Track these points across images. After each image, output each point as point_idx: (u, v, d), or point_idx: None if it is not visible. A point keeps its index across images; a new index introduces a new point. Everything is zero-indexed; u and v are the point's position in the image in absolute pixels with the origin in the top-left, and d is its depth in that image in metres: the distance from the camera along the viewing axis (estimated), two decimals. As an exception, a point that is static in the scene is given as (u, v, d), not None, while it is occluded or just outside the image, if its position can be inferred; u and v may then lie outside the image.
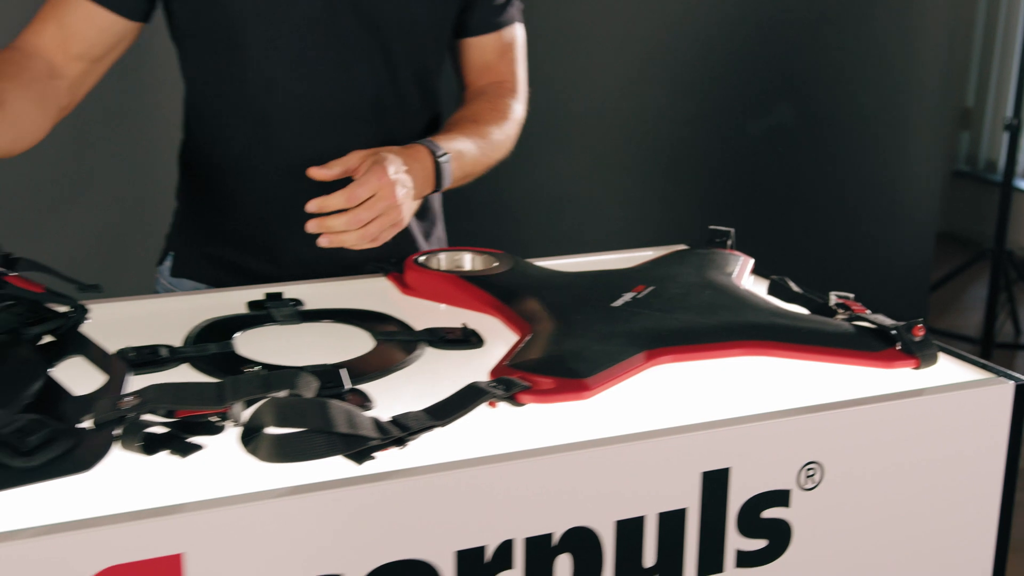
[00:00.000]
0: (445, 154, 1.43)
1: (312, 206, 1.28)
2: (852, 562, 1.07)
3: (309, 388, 0.93)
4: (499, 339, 1.20)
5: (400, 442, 0.92)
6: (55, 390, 0.99)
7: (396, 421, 0.93)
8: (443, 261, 1.37)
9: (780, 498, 1.02)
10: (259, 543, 0.84)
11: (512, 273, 1.32)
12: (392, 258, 1.41)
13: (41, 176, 3.21)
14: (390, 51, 1.51)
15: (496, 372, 1.07)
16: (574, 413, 1.02)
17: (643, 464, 0.96)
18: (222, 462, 0.90)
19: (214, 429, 0.93)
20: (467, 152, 1.49)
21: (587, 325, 1.15)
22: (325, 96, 1.50)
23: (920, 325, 1.13)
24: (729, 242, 1.50)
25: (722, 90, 3.91)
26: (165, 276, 1.64)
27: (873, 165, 4.18)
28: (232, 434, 0.92)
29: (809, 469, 1.03)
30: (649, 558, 0.98)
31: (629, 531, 0.97)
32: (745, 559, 1.02)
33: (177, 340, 1.16)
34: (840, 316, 1.22)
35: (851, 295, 1.28)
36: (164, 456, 0.90)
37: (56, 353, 1.07)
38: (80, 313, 1.11)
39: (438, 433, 0.95)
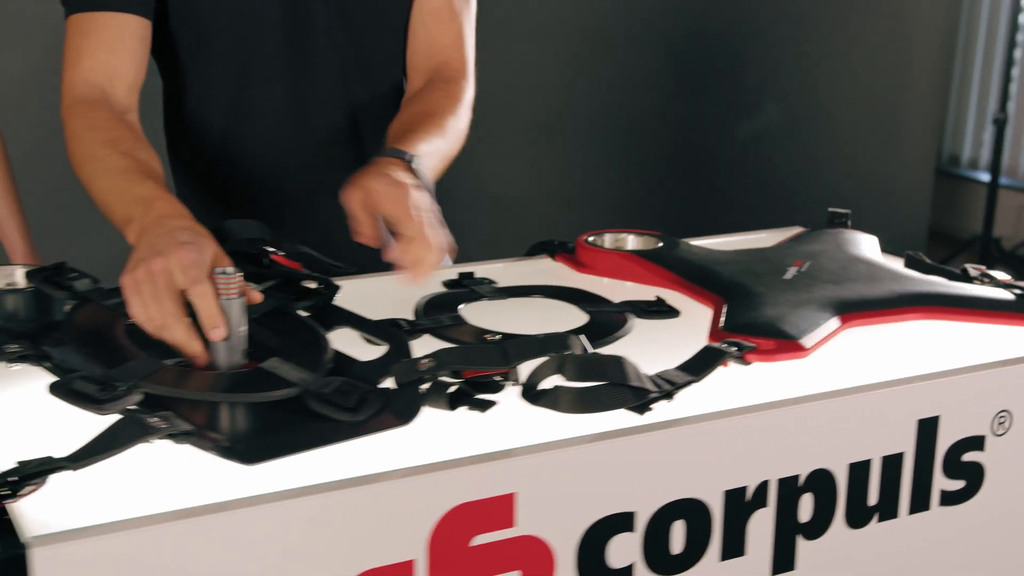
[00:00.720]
0: (413, 156, 1.32)
1: (391, 257, 1.21)
2: (1030, 501, 1.20)
3: (578, 350, 1.04)
4: (686, 310, 1.31)
5: (669, 395, 1.02)
6: (342, 357, 1.08)
7: (661, 377, 1.04)
8: (608, 241, 1.48)
9: (976, 443, 1.15)
10: (578, 482, 0.94)
11: (680, 251, 1.43)
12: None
13: (62, 178, 3.26)
14: (360, 37, 1.51)
15: (715, 337, 1.18)
16: (790, 372, 1.13)
17: (873, 412, 1.08)
18: (509, 415, 1.00)
19: (497, 387, 1.03)
20: (433, 153, 1.39)
21: (774, 295, 1.27)
22: (293, 89, 1.50)
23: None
24: (848, 222, 1.63)
25: (710, 90, 4.04)
26: None
27: (862, 164, 4.35)
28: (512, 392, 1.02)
29: (1001, 417, 1.15)
30: (872, 497, 1.10)
31: (858, 473, 1.08)
32: (947, 498, 1.14)
33: (399, 315, 1.26)
34: (986, 283, 1.35)
35: (983, 266, 1.42)
36: (462, 411, 1.00)
37: (323, 325, 1.16)
38: (332, 290, 1.20)
39: (692, 389, 1.06)
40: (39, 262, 1.92)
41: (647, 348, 1.20)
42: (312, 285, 1.21)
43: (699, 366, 1.07)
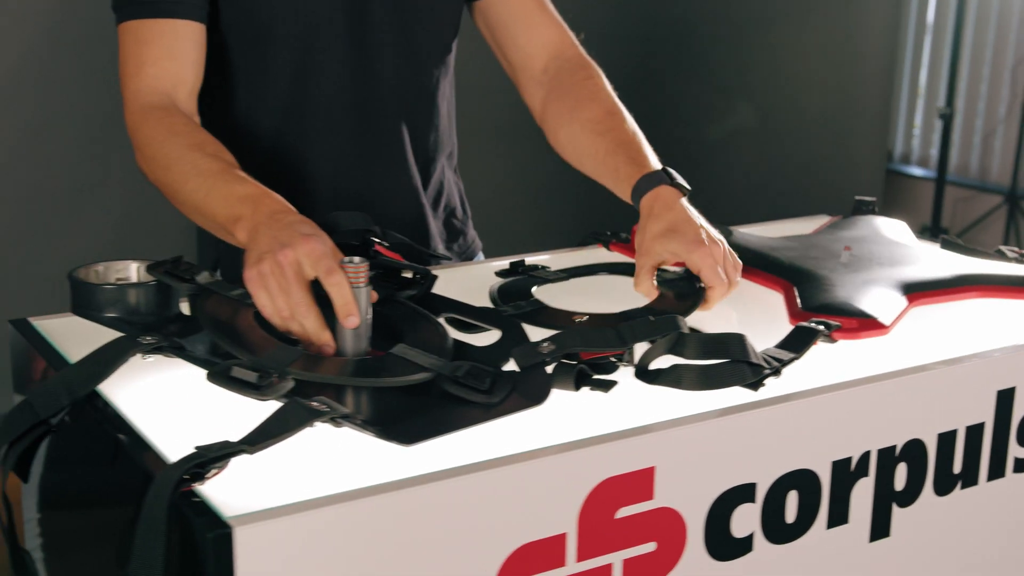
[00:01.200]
0: (662, 168, 1.37)
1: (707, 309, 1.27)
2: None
3: (685, 329, 1.08)
4: (746, 294, 1.36)
5: (777, 372, 1.07)
6: (459, 343, 1.11)
7: (766, 356, 1.09)
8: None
9: (1047, 412, 1.21)
10: (708, 455, 0.99)
11: (734, 239, 1.48)
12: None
13: (56, 178, 3.23)
14: (414, 32, 1.53)
15: (797, 317, 1.23)
16: (873, 348, 1.19)
17: (959, 384, 1.14)
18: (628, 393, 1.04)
19: (613, 367, 1.07)
20: (654, 155, 1.43)
21: (839, 277, 1.32)
22: (354, 87, 1.51)
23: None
24: (876, 209, 1.69)
25: (677, 91, 4.12)
26: None
27: (817, 162, 4.46)
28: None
29: (1066, 387, 1.22)
30: (957, 465, 1.16)
31: (945, 442, 1.14)
32: (1019, 465, 1.21)
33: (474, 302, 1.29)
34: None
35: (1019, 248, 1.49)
36: (585, 391, 1.04)
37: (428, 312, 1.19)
38: (431, 279, 1.23)
39: (793, 366, 1.11)
40: None
41: (726, 322, 1.25)
42: (409, 274, 1.24)
43: (797, 344, 1.12)
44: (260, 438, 0.86)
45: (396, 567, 0.85)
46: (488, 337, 1.14)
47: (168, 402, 1.00)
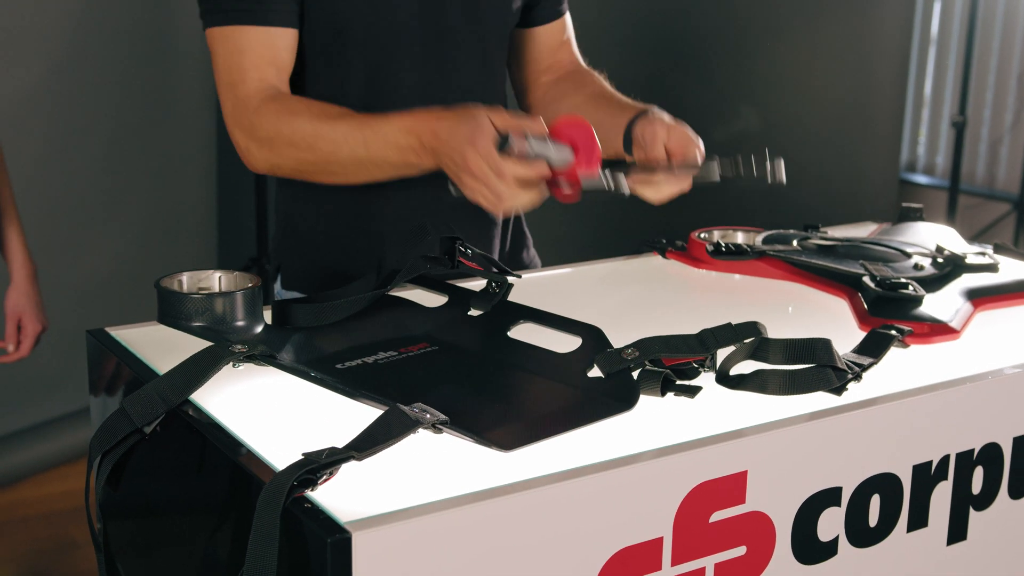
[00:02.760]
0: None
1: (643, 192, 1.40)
2: None
3: (766, 335, 1.09)
4: (809, 300, 1.37)
5: (858, 377, 1.08)
6: (540, 350, 1.12)
7: (845, 360, 1.09)
8: (717, 237, 1.53)
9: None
10: (796, 459, 0.99)
11: (792, 245, 1.49)
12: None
13: (78, 192, 3.23)
14: (486, 40, 1.57)
15: (867, 324, 1.24)
16: (946, 353, 1.20)
17: (1033, 388, 1.15)
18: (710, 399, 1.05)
19: (695, 373, 1.08)
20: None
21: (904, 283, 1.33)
22: (428, 88, 1.54)
23: None
24: (923, 216, 1.70)
25: (689, 102, 4.13)
26: (278, 290, 1.65)
27: (831, 169, 4.48)
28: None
29: None
30: (1031, 469, 1.16)
31: (1020, 446, 1.15)
32: (1089, 468, 1.22)
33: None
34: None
35: (1071, 254, 1.50)
36: (671, 397, 1.05)
37: (506, 321, 1.19)
38: (507, 287, 1.24)
39: (873, 371, 1.11)
40: (34, 270, 1.98)
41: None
42: (480, 286, 1.26)
43: (874, 349, 1.13)
44: (367, 444, 0.87)
45: (502, 570, 0.85)
46: (569, 343, 1.14)
47: (257, 409, 1.01)
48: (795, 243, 1.51)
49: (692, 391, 1.04)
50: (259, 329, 1.14)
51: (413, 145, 1.32)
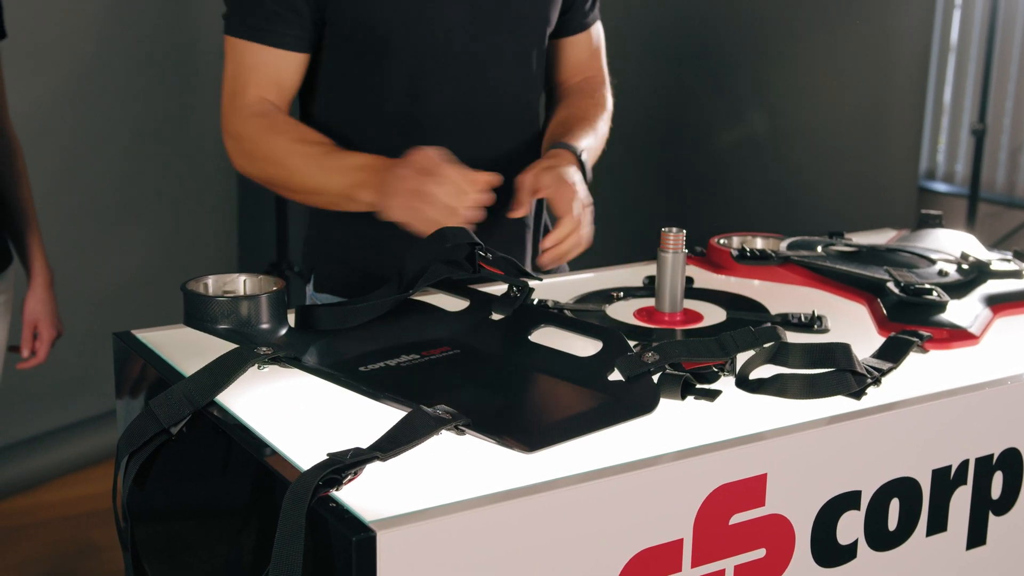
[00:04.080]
0: (584, 152, 1.55)
1: (549, 243, 1.44)
2: None
3: (785, 339, 1.09)
4: (827, 303, 1.38)
5: (878, 381, 1.09)
6: (561, 354, 1.13)
7: (865, 365, 1.10)
8: (736, 243, 1.54)
9: None
10: (816, 462, 1.00)
11: (811, 250, 1.50)
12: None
13: (99, 197, 3.26)
14: (525, 50, 1.60)
15: (886, 329, 1.24)
16: (965, 358, 1.20)
17: (1053, 393, 1.15)
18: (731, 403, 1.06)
19: (715, 377, 1.09)
20: (590, 149, 1.60)
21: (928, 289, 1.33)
22: (468, 100, 1.57)
23: None
24: (943, 223, 1.71)
25: (696, 101, 4.13)
26: (310, 292, 1.69)
27: (849, 174, 4.48)
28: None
29: None
30: (1050, 474, 1.17)
31: (1039, 451, 1.15)
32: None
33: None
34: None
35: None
36: (691, 400, 1.05)
37: (527, 324, 1.21)
38: (528, 291, 1.25)
39: (892, 376, 1.12)
40: (52, 277, 2.00)
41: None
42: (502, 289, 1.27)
43: (894, 354, 1.13)
44: (391, 445, 0.88)
45: (524, 570, 0.86)
46: (590, 347, 1.15)
47: (283, 411, 1.02)
48: (819, 249, 1.52)
49: (712, 395, 1.05)
50: (283, 332, 1.15)
51: (363, 177, 1.43)
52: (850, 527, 1.03)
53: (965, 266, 1.42)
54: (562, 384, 1.08)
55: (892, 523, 1.06)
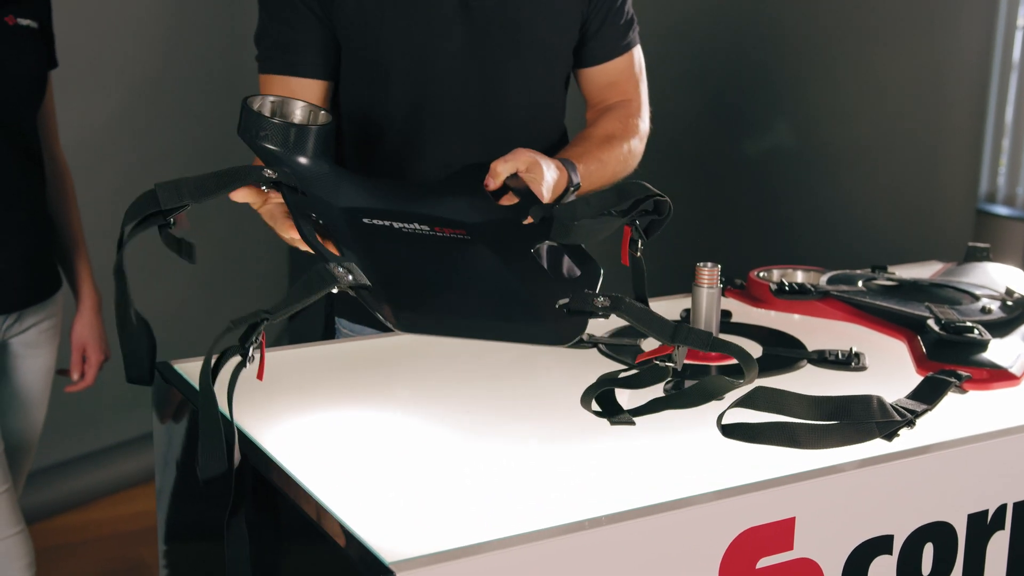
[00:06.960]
0: (577, 186, 1.50)
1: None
2: None
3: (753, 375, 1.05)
4: (868, 340, 1.36)
5: (911, 423, 1.07)
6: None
7: (898, 406, 1.08)
8: (776, 276, 1.53)
9: None
10: (846, 506, 0.98)
11: (853, 286, 1.48)
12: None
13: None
14: (533, 76, 1.61)
15: (924, 368, 1.22)
16: (1005, 399, 1.18)
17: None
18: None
19: (662, 373, 1.06)
20: (594, 173, 1.56)
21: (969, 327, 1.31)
22: (470, 120, 1.58)
23: None
24: (992, 256, 1.68)
25: (755, 125, 4.10)
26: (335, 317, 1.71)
27: (903, 203, 4.42)
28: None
29: None
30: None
31: (1081, 496, 1.13)
32: None
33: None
34: None
35: None
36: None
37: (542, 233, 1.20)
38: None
39: (928, 417, 1.10)
40: (100, 301, 2.05)
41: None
42: None
43: (930, 395, 1.11)
44: (282, 305, 0.91)
45: (545, 614, 0.86)
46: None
47: (307, 442, 1.03)
48: (860, 283, 1.50)
49: (630, 419, 1.04)
50: (315, 166, 1.16)
51: None
52: (882, 572, 1.02)
53: (1010, 303, 1.39)
54: (516, 288, 1.07)
55: (926, 569, 1.04)
